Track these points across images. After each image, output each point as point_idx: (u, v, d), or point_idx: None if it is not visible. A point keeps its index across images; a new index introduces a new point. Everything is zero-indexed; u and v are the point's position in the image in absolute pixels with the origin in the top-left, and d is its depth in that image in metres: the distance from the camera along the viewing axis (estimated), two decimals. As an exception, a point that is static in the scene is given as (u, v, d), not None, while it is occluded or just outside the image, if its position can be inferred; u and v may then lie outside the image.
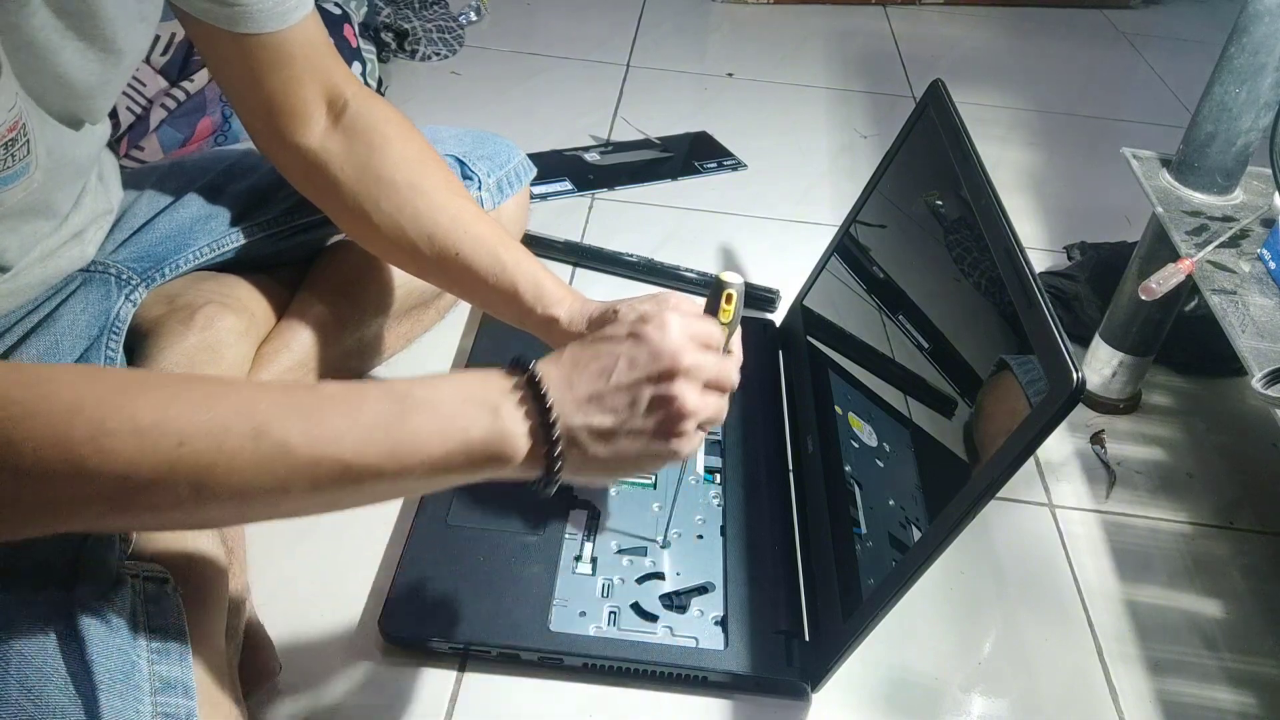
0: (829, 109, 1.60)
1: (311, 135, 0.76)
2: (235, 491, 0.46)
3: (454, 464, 0.51)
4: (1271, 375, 0.74)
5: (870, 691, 0.75)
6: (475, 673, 0.72)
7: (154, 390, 0.46)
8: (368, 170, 0.76)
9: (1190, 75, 1.87)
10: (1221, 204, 0.94)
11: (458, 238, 0.75)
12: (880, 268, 0.87)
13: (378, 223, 0.76)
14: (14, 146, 0.58)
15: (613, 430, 0.54)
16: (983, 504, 0.60)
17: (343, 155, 0.76)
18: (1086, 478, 0.97)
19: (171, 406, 0.45)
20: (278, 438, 0.46)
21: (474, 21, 1.71)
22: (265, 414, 0.47)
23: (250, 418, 0.46)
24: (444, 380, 0.53)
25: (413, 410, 0.50)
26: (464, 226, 0.75)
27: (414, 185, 0.76)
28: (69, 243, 0.72)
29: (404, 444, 0.49)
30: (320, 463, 0.47)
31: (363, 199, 0.76)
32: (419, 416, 0.50)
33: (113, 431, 0.44)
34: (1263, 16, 0.85)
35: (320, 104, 0.76)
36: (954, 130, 0.77)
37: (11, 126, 0.57)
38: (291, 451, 0.47)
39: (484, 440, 0.51)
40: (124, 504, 0.46)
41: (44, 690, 0.47)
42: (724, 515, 0.82)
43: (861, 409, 0.81)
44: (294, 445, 0.47)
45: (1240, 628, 0.84)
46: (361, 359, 0.93)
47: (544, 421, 0.53)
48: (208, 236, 0.82)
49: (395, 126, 0.78)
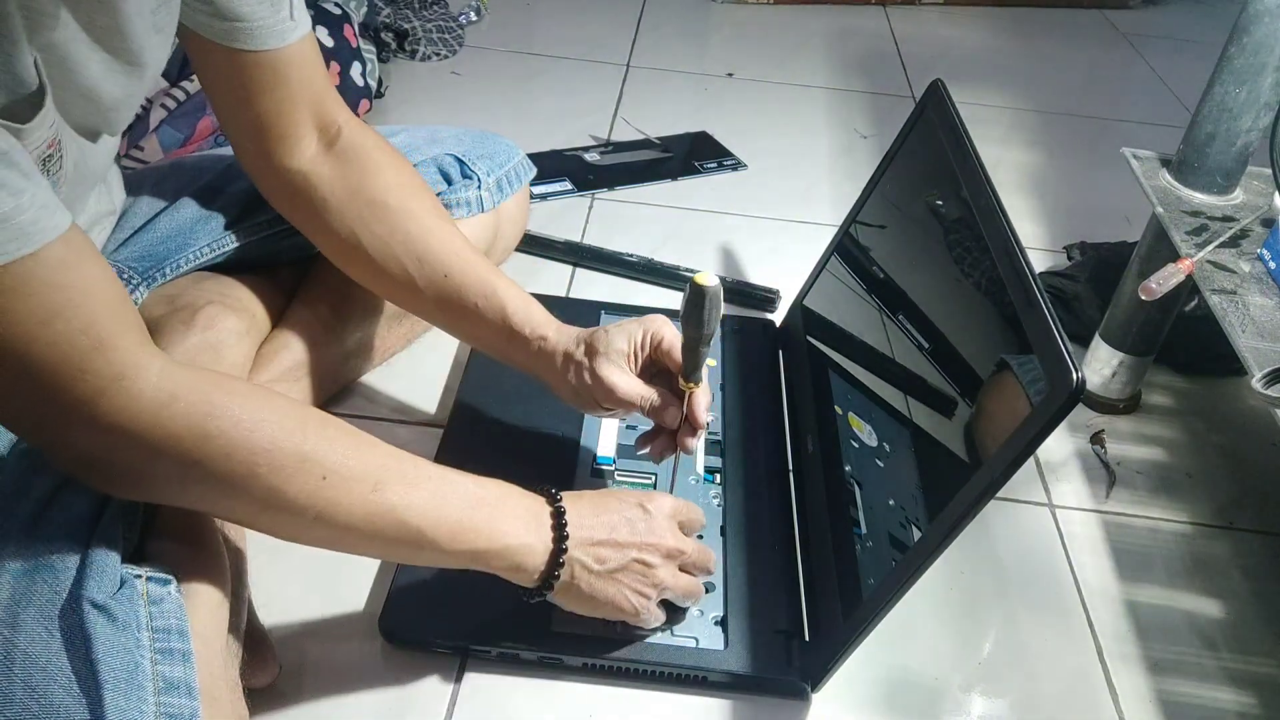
0: (829, 109, 1.60)
1: (301, 158, 0.76)
2: (340, 525, 0.58)
3: (485, 558, 0.63)
4: (1271, 375, 0.74)
5: (870, 691, 0.75)
6: (475, 673, 0.72)
7: (322, 429, 0.58)
8: (360, 194, 0.77)
9: (1190, 75, 1.87)
10: (1221, 204, 0.94)
11: (448, 260, 0.77)
12: (880, 268, 0.87)
13: (367, 245, 0.77)
14: (50, 163, 0.58)
15: (599, 573, 0.66)
16: (983, 504, 0.60)
17: (334, 178, 0.77)
18: (1086, 478, 0.97)
19: (330, 446, 0.58)
20: (388, 496, 0.59)
21: (474, 21, 1.71)
22: (384, 474, 0.59)
23: (377, 474, 0.59)
24: (506, 491, 0.65)
25: (480, 506, 0.63)
26: (454, 250, 0.78)
27: (406, 209, 0.78)
28: None
29: (466, 531, 0.62)
30: (406, 524, 0.59)
31: (353, 221, 0.77)
32: (484, 513, 0.63)
33: (281, 462, 0.55)
34: (1263, 16, 0.85)
35: (311, 128, 0.76)
36: (954, 130, 0.77)
37: (50, 143, 0.57)
38: (392, 510, 0.59)
39: (515, 548, 0.63)
40: (254, 513, 0.58)
41: (48, 689, 0.48)
42: (724, 515, 0.82)
43: (861, 409, 0.81)
44: (395, 504, 0.59)
45: (1240, 628, 0.84)
46: (361, 359, 0.93)
47: (558, 549, 0.64)
48: (208, 236, 0.82)
49: (386, 154, 0.79)
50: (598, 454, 0.86)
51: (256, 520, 0.59)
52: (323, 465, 0.56)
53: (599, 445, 0.87)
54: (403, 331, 0.97)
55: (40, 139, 0.55)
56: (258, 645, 0.68)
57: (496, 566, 0.64)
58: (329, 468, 0.57)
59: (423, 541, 0.60)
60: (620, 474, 0.85)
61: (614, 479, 0.84)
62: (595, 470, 0.85)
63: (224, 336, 0.78)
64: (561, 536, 0.64)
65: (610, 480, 0.84)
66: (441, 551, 0.61)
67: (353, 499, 0.58)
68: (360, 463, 0.58)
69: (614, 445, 0.87)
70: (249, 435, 0.54)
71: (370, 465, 0.59)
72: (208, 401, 0.53)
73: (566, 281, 1.12)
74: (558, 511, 0.65)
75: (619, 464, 0.85)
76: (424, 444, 0.89)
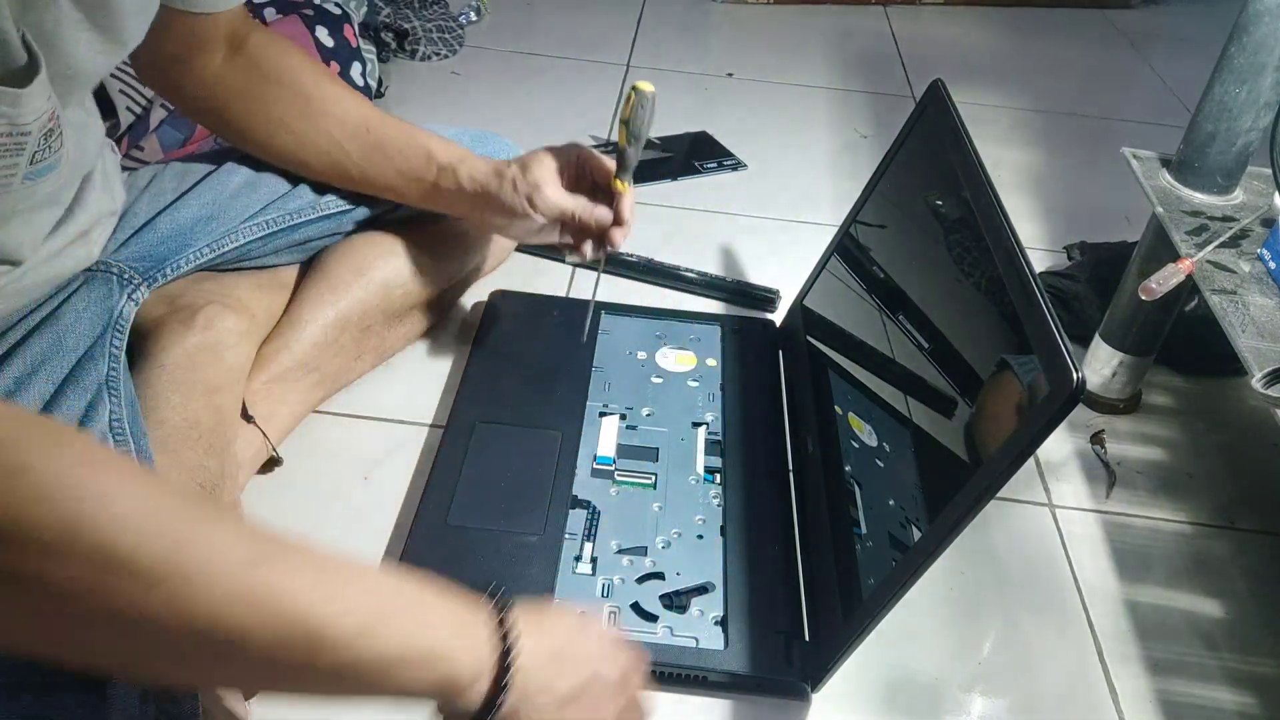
0: (829, 109, 1.60)
1: (210, 67, 0.81)
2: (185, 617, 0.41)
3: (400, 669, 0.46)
4: (1271, 375, 0.74)
5: (870, 691, 0.75)
6: (475, 673, 0.72)
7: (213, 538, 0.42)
8: (271, 81, 0.84)
9: (1190, 75, 1.86)
10: (1221, 204, 0.94)
11: (366, 118, 0.86)
12: (880, 268, 0.87)
13: (292, 125, 0.84)
14: (51, 137, 0.58)
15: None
16: (983, 504, 0.60)
17: (244, 81, 0.83)
18: (1086, 478, 0.97)
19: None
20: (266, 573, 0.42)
21: (474, 21, 1.71)
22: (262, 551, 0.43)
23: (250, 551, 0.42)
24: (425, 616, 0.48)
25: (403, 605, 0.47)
26: (368, 109, 0.87)
27: (314, 85, 0.85)
28: (75, 242, 0.72)
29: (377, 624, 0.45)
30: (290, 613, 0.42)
31: (271, 108, 0.84)
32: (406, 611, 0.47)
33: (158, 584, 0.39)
34: (1263, 16, 0.85)
35: (222, 43, 0.81)
36: (954, 130, 0.77)
37: (51, 116, 0.57)
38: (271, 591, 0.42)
39: (423, 691, 0.47)
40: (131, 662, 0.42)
41: None
42: (724, 515, 0.82)
43: (861, 409, 0.81)
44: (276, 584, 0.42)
45: (1240, 628, 0.84)
46: (361, 360, 0.93)
47: (490, 703, 0.48)
48: (208, 237, 0.82)
49: (281, 43, 0.86)
50: (598, 454, 0.86)
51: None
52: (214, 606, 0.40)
53: (599, 445, 0.87)
54: (403, 331, 0.97)
55: (40, 109, 0.56)
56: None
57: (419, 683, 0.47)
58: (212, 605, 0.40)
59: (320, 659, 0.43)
60: (620, 474, 0.85)
61: (614, 479, 0.84)
62: (595, 470, 0.85)
63: (223, 337, 0.78)
64: (500, 686, 0.48)
65: (610, 480, 0.84)
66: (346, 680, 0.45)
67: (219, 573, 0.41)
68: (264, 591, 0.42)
69: (614, 445, 0.87)
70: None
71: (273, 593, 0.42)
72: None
73: (567, 281, 1.13)
74: (504, 654, 0.49)
75: (619, 464, 0.85)
76: (424, 444, 0.89)
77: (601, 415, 0.90)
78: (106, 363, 0.69)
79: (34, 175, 0.59)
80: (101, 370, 0.69)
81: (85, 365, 0.69)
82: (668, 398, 0.93)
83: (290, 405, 0.86)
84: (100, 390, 0.68)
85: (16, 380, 0.67)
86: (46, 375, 0.68)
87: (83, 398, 0.67)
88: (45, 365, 0.68)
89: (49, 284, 0.71)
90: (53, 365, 0.68)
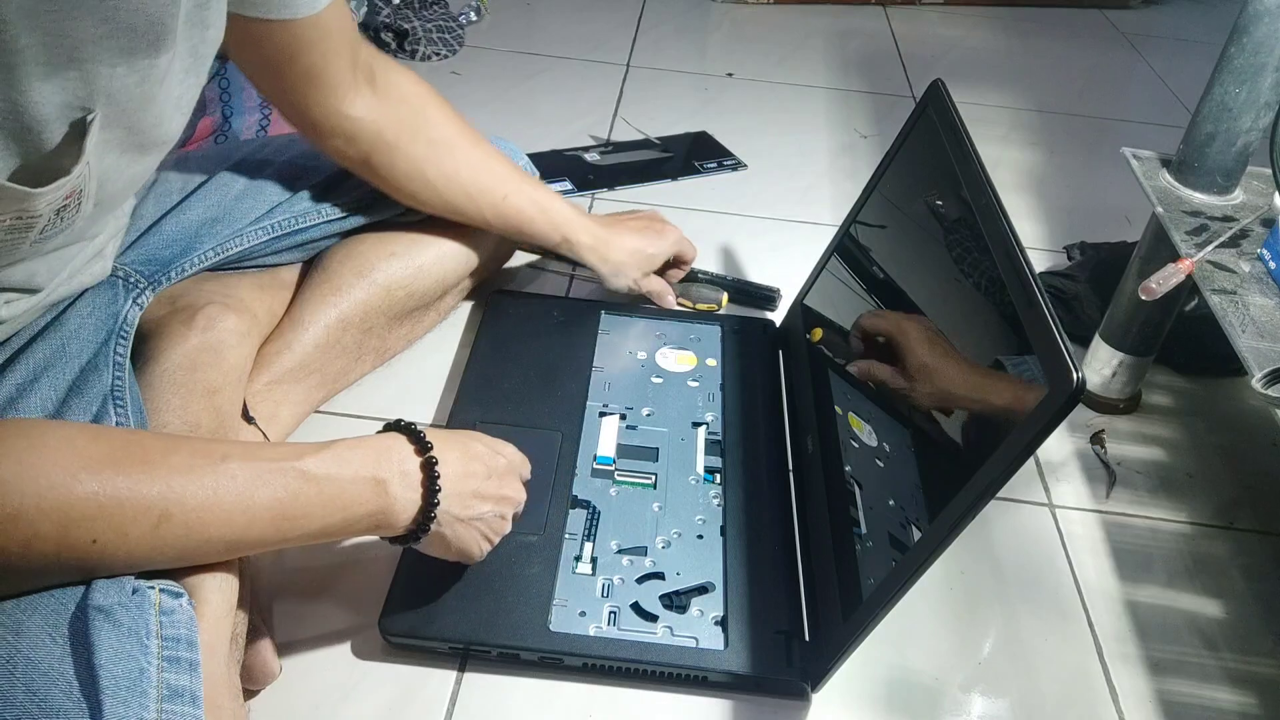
0: (829, 109, 1.60)
1: (356, 103, 0.82)
2: (125, 558, 0.52)
3: (333, 533, 0.59)
4: (1271, 375, 0.74)
5: (870, 691, 0.75)
6: (475, 673, 0.72)
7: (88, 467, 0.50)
8: (420, 133, 0.87)
9: (1190, 75, 1.87)
10: (1221, 204, 0.94)
11: (505, 185, 0.92)
12: (880, 267, 0.87)
13: (434, 180, 0.88)
14: (65, 211, 0.58)
15: (465, 520, 0.65)
16: (983, 504, 0.60)
17: (390, 120, 0.85)
18: (1086, 478, 0.97)
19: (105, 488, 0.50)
20: (178, 523, 0.52)
21: (474, 21, 1.71)
22: (171, 500, 0.52)
23: (158, 505, 0.52)
24: (340, 454, 0.59)
25: (307, 485, 0.57)
26: (505, 175, 0.92)
27: (459, 144, 0.90)
28: (92, 260, 0.72)
29: (292, 520, 0.57)
30: (211, 540, 0.54)
31: (419, 161, 0.87)
32: (310, 492, 0.57)
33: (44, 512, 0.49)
34: (1263, 16, 0.85)
35: (354, 70, 0.81)
36: (954, 130, 0.77)
37: (68, 195, 0.57)
38: (189, 533, 0.53)
39: (369, 514, 0.60)
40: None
41: (48, 693, 0.48)
42: (724, 515, 0.82)
43: (861, 409, 0.81)
44: (192, 527, 0.53)
45: (1240, 628, 0.84)
46: (362, 360, 0.93)
47: (428, 504, 0.62)
48: (214, 240, 0.82)
49: (422, 88, 0.89)
50: (598, 454, 0.86)
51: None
52: (95, 526, 0.51)
53: (599, 445, 0.87)
54: (403, 332, 0.97)
55: (56, 201, 0.55)
56: (258, 646, 0.68)
57: (356, 534, 0.62)
58: (97, 519, 0.51)
59: (241, 547, 0.56)
60: (620, 474, 0.85)
61: (614, 478, 0.84)
62: (595, 470, 0.85)
63: (224, 337, 0.78)
64: (433, 490, 0.62)
65: (610, 480, 0.84)
66: (272, 546, 0.58)
67: (134, 540, 0.52)
68: (139, 500, 0.52)
69: (614, 445, 0.87)
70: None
71: (150, 499, 0.52)
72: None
73: (566, 281, 1.13)
74: (429, 463, 0.62)
75: (619, 464, 0.85)
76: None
77: (601, 415, 0.90)
78: (111, 373, 0.68)
79: (43, 239, 0.59)
80: (106, 381, 0.67)
81: (89, 374, 0.67)
82: (668, 398, 0.93)
83: (291, 406, 0.86)
84: (106, 401, 0.66)
85: (19, 387, 0.65)
86: (50, 383, 0.66)
87: (88, 410, 0.65)
88: (48, 372, 0.67)
89: (64, 299, 0.71)
90: (56, 372, 0.67)
